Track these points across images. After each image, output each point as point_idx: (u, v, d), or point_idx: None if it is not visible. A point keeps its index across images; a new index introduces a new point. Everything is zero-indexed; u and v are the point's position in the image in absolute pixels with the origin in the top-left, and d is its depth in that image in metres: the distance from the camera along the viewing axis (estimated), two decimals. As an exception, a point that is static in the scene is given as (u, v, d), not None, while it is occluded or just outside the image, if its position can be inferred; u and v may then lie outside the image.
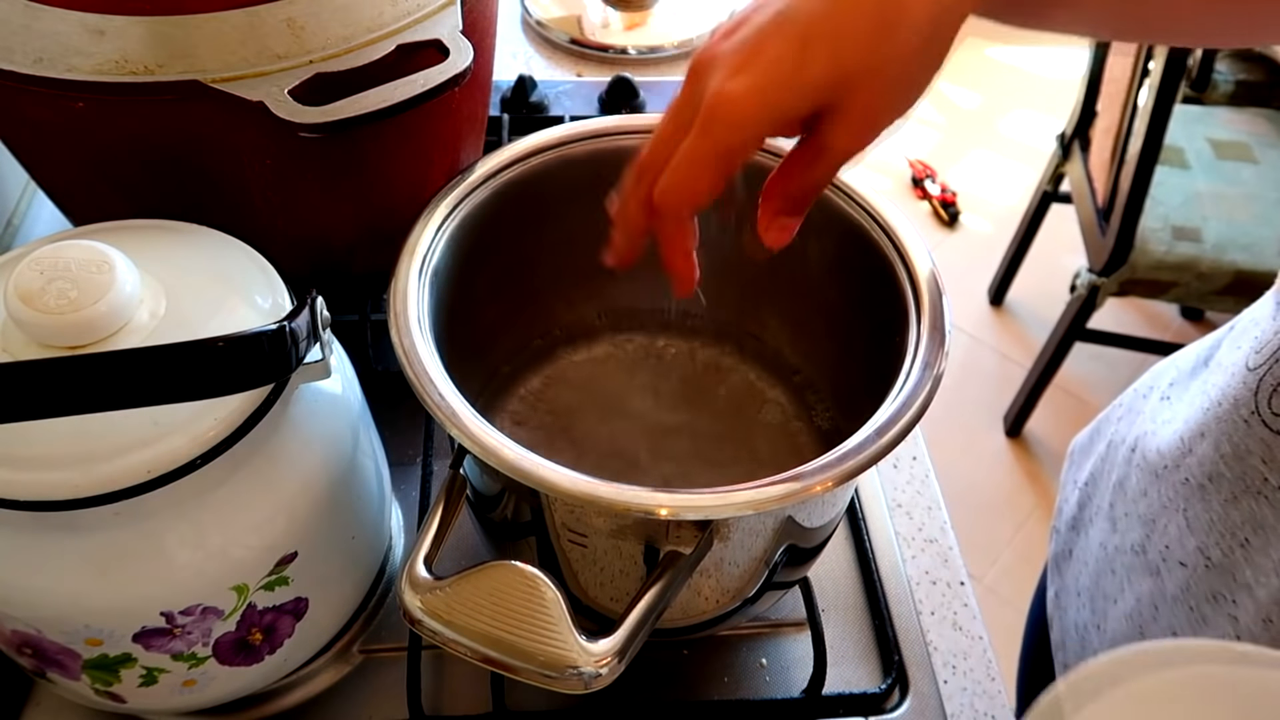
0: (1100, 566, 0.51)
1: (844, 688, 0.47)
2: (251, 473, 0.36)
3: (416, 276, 0.40)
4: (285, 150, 0.44)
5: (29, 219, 0.65)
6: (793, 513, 0.38)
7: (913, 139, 2.27)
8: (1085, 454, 0.58)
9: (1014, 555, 1.54)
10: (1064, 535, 0.57)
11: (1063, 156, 1.60)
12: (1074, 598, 0.54)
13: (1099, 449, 0.55)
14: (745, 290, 0.52)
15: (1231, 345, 0.45)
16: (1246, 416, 0.40)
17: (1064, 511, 0.58)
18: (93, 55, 0.39)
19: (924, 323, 0.39)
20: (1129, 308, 1.85)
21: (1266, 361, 0.40)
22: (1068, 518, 0.57)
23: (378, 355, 0.56)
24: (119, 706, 0.40)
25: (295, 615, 0.40)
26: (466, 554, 0.49)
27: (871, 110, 0.32)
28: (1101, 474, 0.54)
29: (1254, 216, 1.36)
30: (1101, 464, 0.54)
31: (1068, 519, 0.57)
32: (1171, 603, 0.44)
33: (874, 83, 0.32)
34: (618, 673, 0.32)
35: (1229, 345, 0.45)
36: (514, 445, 0.34)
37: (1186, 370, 0.49)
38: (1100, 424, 0.58)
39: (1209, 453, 0.42)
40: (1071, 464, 0.60)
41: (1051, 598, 0.57)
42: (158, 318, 0.35)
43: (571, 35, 0.86)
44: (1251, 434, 0.40)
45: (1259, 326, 0.42)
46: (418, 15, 0.43)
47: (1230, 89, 1.57)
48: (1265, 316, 0.42)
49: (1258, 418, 0.40)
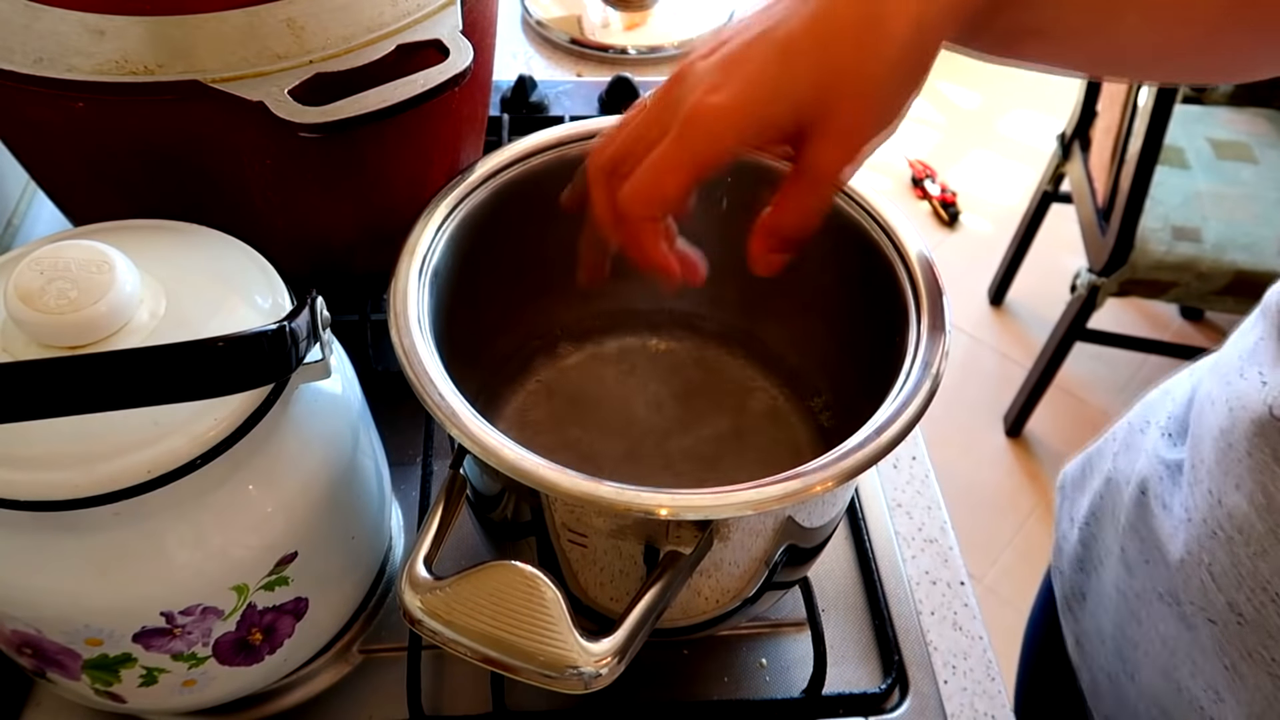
0: (1121, 614, 0.49)
1: (844, 688, 0.47)
2: (251, 473, 0.36)
3: (416, 276, 0.40)
4: (285, 150, 0.44)
5: (29, 219, 0.65)
6: (793, 513, 0.38)
7: (913, 139, 2.27)
8: (1079, 489, 0.56)
9: (1014, 555, 1.54)
10: (1069, 576, 0.55)
11: (1063, 156, 1.60)
12: (1098, 645, 0.52)
13: (1095, 485, 0.54)
14: (745, 290, 0.52)
15: (1221, 379, 0.43)
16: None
17: (1064, 550, 0.56)
18: (93, 55, 0.39)
19: (924, 323, 0.39)
20: (1129, 308, 1.85)
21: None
22: (1070, 557, 0.55)
23: (378, 355, 0.56)
24: (119, 706, 0.40)
25: (295, 615, 0.40)
26: (466, 554, 0.49)
27: (854, 124, 0.32)
28: (1104, 513, 0.52)
29: (1254, 216, 1.36)
30: (1102, 502, 0.52)
31: (1070, 559, 0.55)
32: (1209, 656, 0.42)
33: (855, 96, 0.32)
34: (618, 673, 0.32)
35: (1216, 379, 0.43)
36: (514, 445, 0.34)
37: (1182, 402, 0.47)
38: (1092, 457, 0.56)
39: (1240, 504, 0.40)
40: (1064, 498, 0.58)
41: (1072, 644, 0.56)
42: (158, 318, 0.35)
43: (571, 35, 0.86)
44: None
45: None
46: (418, 15, 0.43)
47: (1230, 89, 1.57)
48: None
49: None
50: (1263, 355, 0.41)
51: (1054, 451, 1.69)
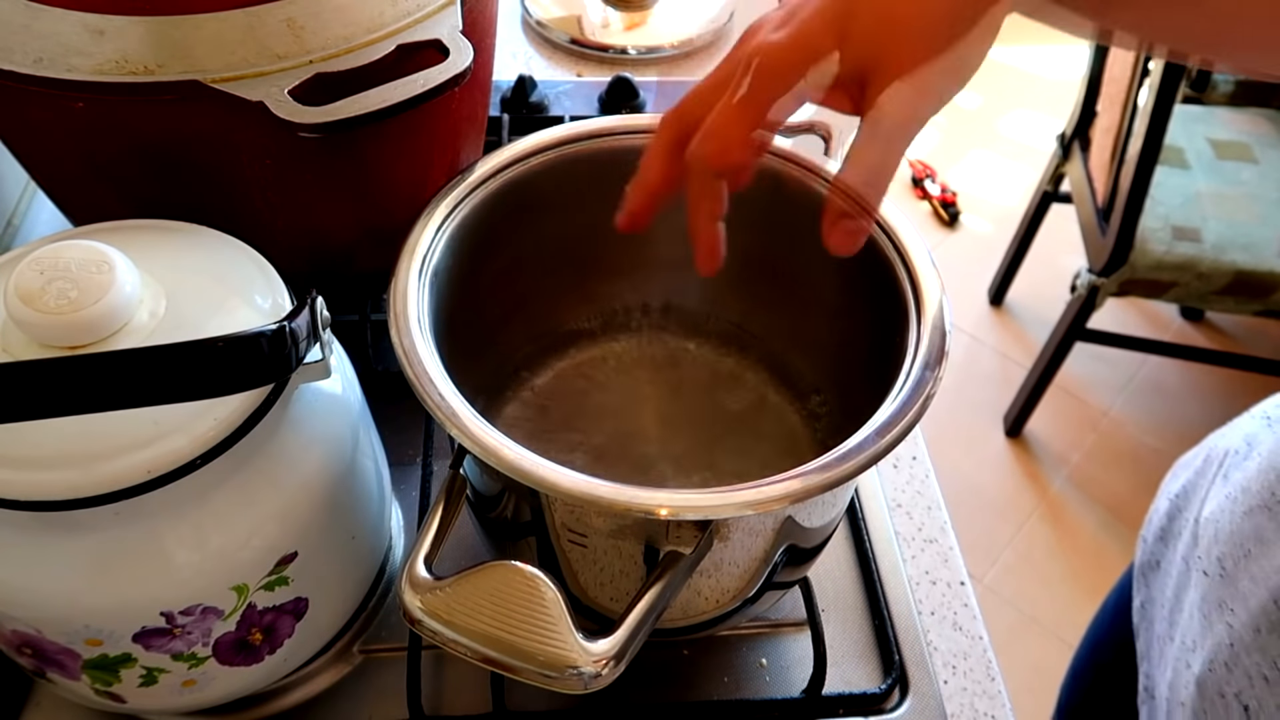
0: (1180, 582, 0.50)
1: (844, 688, 0.47)
2: (251, 473, 0.36)
3: (416, 276, 0.40)
4: (285, 150, 0.44)
5: (29, 219, 0.65)
6: (793, 513, 0.38)
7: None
8: (1187, 466, 0.56)
9: (1014, 555, 1.54)
10: (1151, 545, 0.56)
11: (1063, 156, 1.60)
12: (1159, 609, 0.52)
13: (1196, 463, 0.54)
14: (745, 291, 0.52)
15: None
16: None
17: (1153, 521, 0.57)
18: (93, 55, 0.39)
19: (924, 323, 0.39)
20: (1129, 308, 1.85)
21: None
22: (1156, 527, 0.56)
23: (378, 355, 0.56)
24: (119, 706, 0.40)
25: (295, 615, 0.40)
26: (466, 554, 0.49)
27: (914, 63, 0.32)
28: (1194, 487, 0.52)
29: (1254, 216, 1.36)
30: (1195, 478, 0.53)
31: (1156, 529, 0.56)
32: (1197, 607, 0.43)
33: (915, 35, 0.32)
34: (618, 673, 0.32)
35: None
36: (514, 445, 0.34)
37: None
38: (1207, 440, 0.56)
39: (1259, 465, 0.41)
40: (1172, 476, 0.58)
41: (1137, 607, 0.56)
42: (158, 318, 0.35)
43: (571, 35, 0.86)
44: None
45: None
46: (418, 15, 0.43)
47: (1230, 89, 1.57)
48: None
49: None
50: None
51: (1054, 452, 1.69)
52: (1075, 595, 1.48)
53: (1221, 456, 0.50)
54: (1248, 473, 0.43)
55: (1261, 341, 1.82)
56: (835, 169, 0.44)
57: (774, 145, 0.45)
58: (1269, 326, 1.83)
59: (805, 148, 0.46)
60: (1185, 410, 1.73)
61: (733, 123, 0.34)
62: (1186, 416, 1.72)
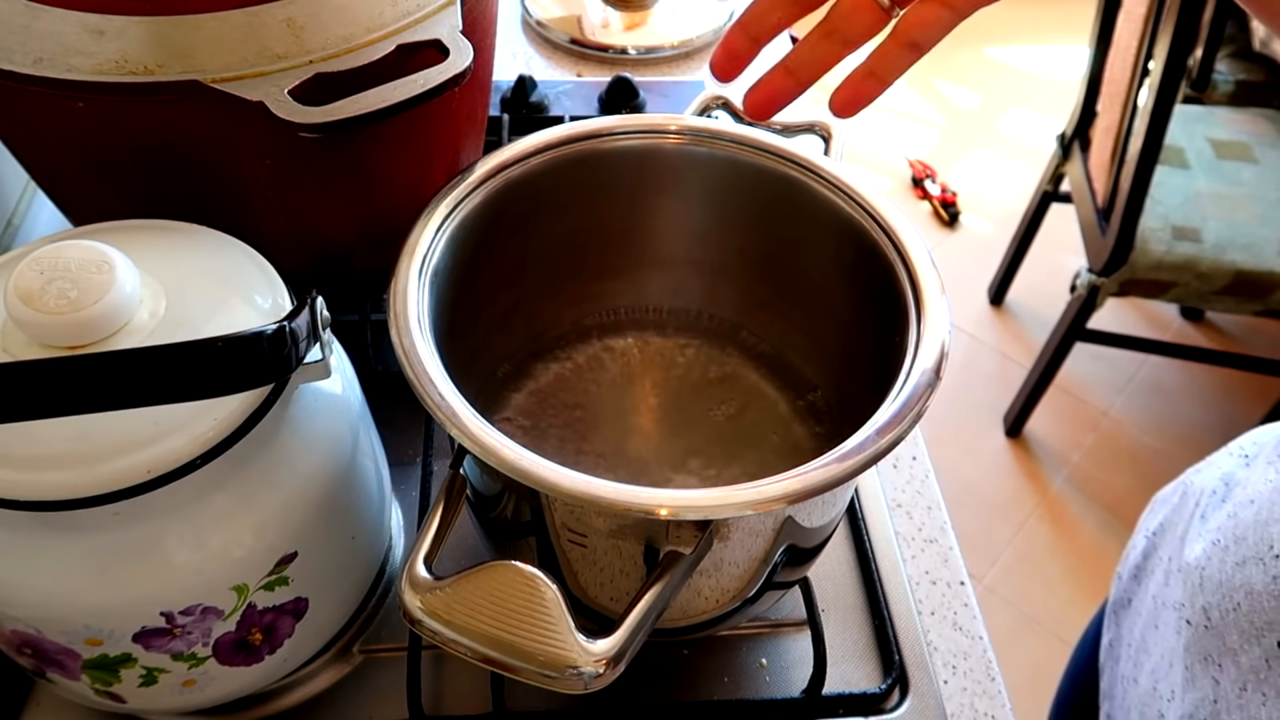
0: (1148, 620, 0.50)
1: (844, 688, 0.47)
2: (251, 473, 0.36)
3: (416, 276, 0.40)
4: (285, 150, 0.44)
5: (29, 219, 0.65)
6: (793, 513, 0.38)
7: (913, 139, 2.27)
8: (1164, 503, 0.56)
9: (1014, 555, 1.54)
10: (1125, 583, 0.56)
11: (1063, 156, 1.60)
12: (1125, 649, 0.52)
13: (1173, 499, 0.54)
14: (745, 291, 0.52)
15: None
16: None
17: (1129, 558, 0.57)
18: (93, 55, 0.39)
19: (924, 323, 0.39)
20: (1129, 308, 1.85)
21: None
22: (1131, 565, 0.56)
23: (378, 355, 0.56)
24: (119, 706, 0.40)
25: (295, 615, 0.40)
26: (466, 554, 0.49)
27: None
28: (1170, 525, 0.52)
29: (1254, 216, 1.36)
30: (1172, 514, 0.53)
31: (1131, 566, 0.56)
32: (1179, 657, 0.43)
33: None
34: (618, 673, 0.32)
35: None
36: (514, 445, 0.34)
37: (1271, 445, 0.47)
38: (1184, 476, 0.56)
39: (1246, 517, 0.41)
40: (1150, 511, 0.58)
41: (1105, 645, 0.56)
42: (158, 318, 0.35)
43: (571, 35, 0.86)
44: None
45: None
46: (418, 15, 0.43)
47: (1230, 89, 1.57)
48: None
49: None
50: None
51: (1054, 452, 1.69)
52: (1075, 595, 1.48)
53: (1199, 495, 0.49)
54: (1240, 521, 0.42)
55: (1261, 341, 1.82)
56: (835, 169, 0.45)
57: (774, 145, 0.46)
58: (1269, 326, 1.83)
59: (805, 148, 0.46)
60: (1185, 410, 1.73)
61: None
62: (1186, 416, 1.72)
